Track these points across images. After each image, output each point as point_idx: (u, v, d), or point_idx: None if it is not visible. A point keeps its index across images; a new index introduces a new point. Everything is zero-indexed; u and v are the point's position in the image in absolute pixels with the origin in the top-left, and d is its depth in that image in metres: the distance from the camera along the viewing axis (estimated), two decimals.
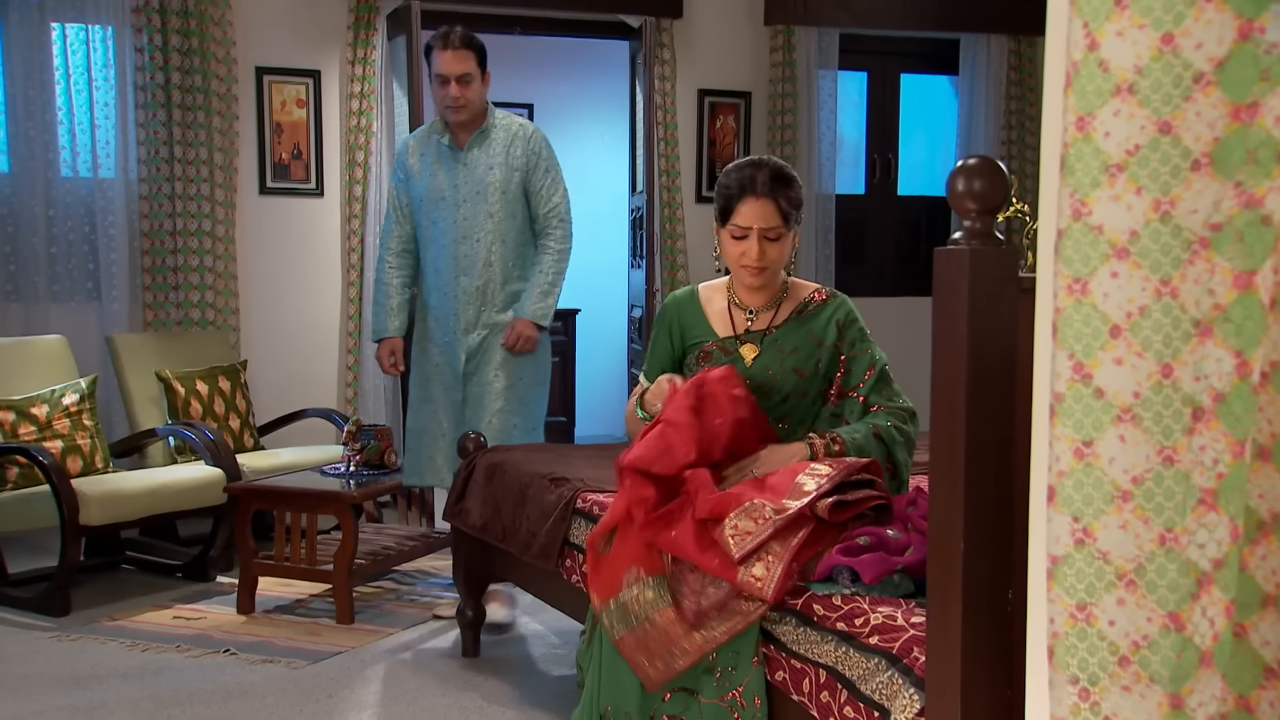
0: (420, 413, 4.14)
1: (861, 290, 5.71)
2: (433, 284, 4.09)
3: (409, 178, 4.08)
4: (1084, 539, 1.27)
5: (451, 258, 4.02)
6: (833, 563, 2.29)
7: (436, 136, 4.05)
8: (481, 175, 3.99)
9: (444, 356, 4.09)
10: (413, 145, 4.11)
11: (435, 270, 4.07)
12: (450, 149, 4.02)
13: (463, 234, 4.01)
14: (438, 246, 4.05)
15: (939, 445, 1.95)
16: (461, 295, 4.03)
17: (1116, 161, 1.25)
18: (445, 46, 3.92)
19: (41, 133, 5.27)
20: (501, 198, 4.00)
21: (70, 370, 4.81)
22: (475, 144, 4.01)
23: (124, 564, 4.84)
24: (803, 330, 2.74)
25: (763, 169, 2.65)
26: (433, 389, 4.11)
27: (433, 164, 4.04)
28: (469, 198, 4.00)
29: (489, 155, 4.01)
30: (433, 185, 4.04)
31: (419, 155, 4.07)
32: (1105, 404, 1.26)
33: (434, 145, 4.06)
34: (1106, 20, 1.25)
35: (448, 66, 3.91)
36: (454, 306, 4.04)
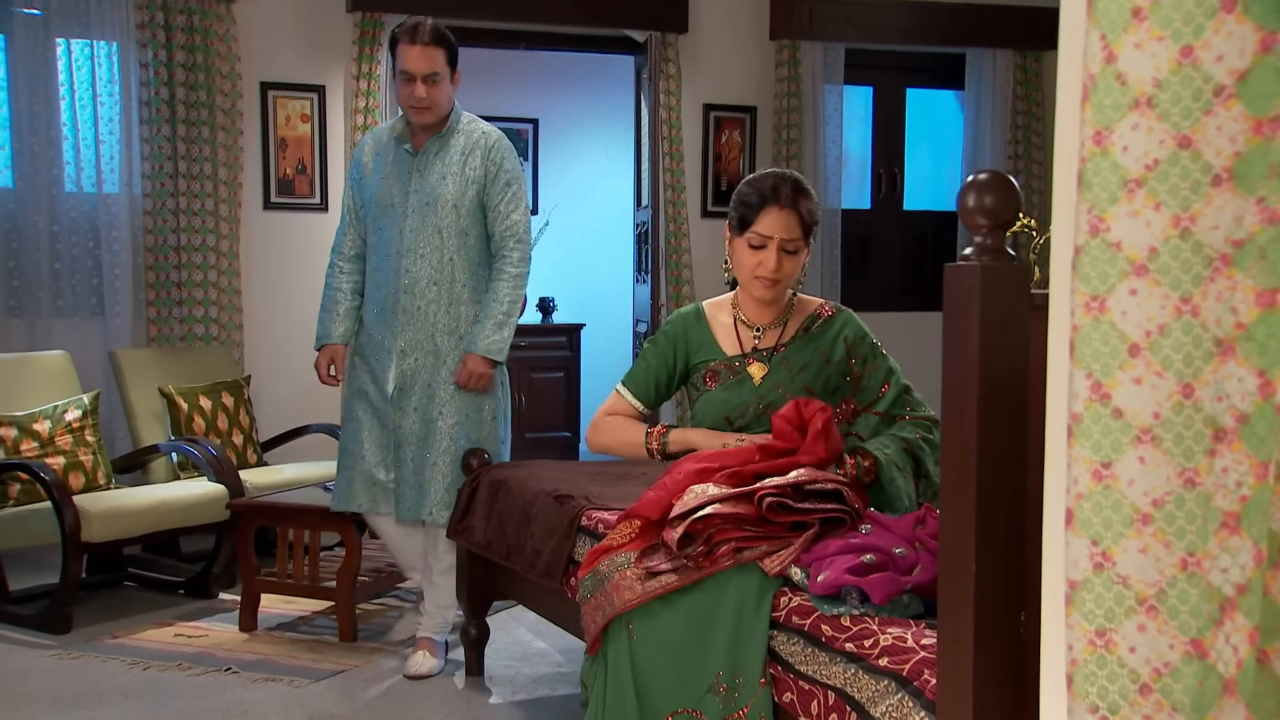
0: (345, 430, 3.83)
1: (867, 305, 5.68)
2: (372, 298, 3.74)
3: (362, 178, 3.74)
4: (1103, 563, 1.24)
5: (393, 272, 3.65)
6: (841, 582, 2.25)
7: (395, 137, 3.70)
8: (434, 185, 3.63)
9: (372, 378, 3.74)
10: (370, 144, 3.76)
11: (376, 284, 3.72)
12: (406, 153, 3.67)
13: (408, 247, 3.63)
14: (381, 257, 3.69)
15: (950, 464, 1.92)
16: (401, 315, 3.65)
17: (1135, 176, 1.22)
18: (413, 41, 3.57)
19: (46, 148, 5.26)
20: (453, 212, 3.63)
21: (73, 386, 4.79)
22: (432, 149, 3.65)
23: (126, 581, 4.81)
24: (811, 347, 2.72)
25: (786, 180, 2.64)
26: (357, 407, 3.77)
27: (386, 167, 3.69)
28: (418, 208, 3.63)
29: (444, 163, 3.65)
30: (383, 190, 3.68)
31: (374, 155, 3.72)
32: (1124, 425, 1.23)
33: (390, 146, 3.71)
34: (1124, 32, 1.22)
35: (414, 64, 3.56)
36: (391, 326, 3.67)
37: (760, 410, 2.67)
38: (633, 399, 2.86)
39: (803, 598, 2.31)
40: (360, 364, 3.79)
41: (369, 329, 3.76)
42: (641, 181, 6.55)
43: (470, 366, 3.65)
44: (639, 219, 6.67)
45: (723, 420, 2.69)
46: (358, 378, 3.79)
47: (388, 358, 3.70)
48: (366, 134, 3.80)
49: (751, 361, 2.72)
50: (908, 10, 6.45)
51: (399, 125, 3.70)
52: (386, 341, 3.70)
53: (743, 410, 2.68)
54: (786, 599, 2.33)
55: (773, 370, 2.69)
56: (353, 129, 5.72)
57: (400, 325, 3.66)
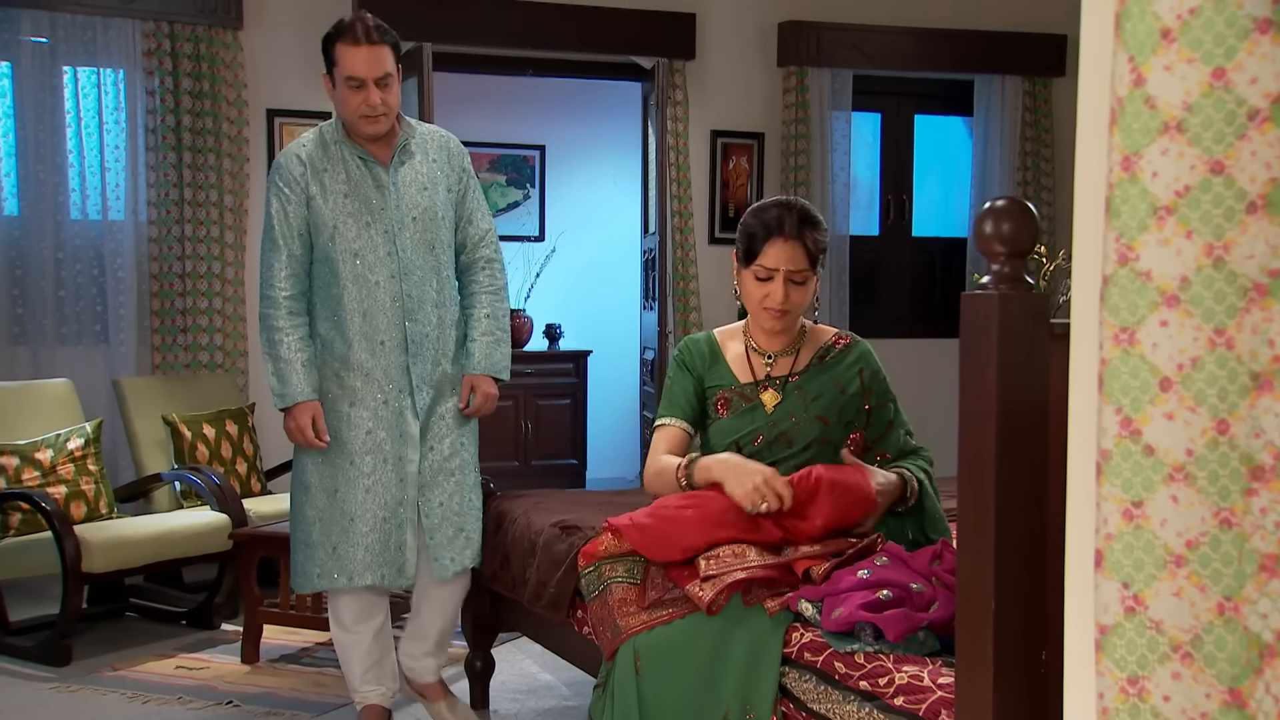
0: (333, 499, 3.20)
1: (876, 332, 5.64)
2: (358, 332, 3.19)
3: (309, 200, 3.18)
4: (1135, 607, 1.19)
5: (390, 298, 3.19)
6: (855, 618, 2.20)
7: (345, 149, 3.20)
8: (416, 197, 3.24)
9: (381, 423, 3.21)
10: (298, 161, 3.20)
11: (362, 314, 3.19)
12: (369, 164, 3.21)
13: (405, 269, 3.21)
14: (365, 286, 3.18)
15: (968, 498, 1.87)
16: (411, 345, 3.22)
17: (1165, 203, 1.18)
18: (357, 42, 3.13)
19: (52, 175, 5.25)
20: (442, 224, 3.29)
21: (76, 414, 4.75)
22: (402, 159, 3.25)
23: (127, 611, 4.75)
24: (825, 376, 2.67)
25: (791, 210, 2.60)
26: (356, 467, 3.19)
27: (345, 184, 3.19)
28: (408, 224, 3.22)
29: (418, 172, 3.27)
30: (353, 210, 3.18)
31: (322, 173, 3.19)
32: (1156, 462, 1.18)
33: (341, 161, 3.20)
34: (1153, 54, 1.18)
35: (364, 67, 3.11)
36: (398, 359, 3.21)
37: (772, 438, 2.62)
38: (678, 422, 2.74)
39: (815, 633, 2.26)
40: (355, 416, 3.22)
41: (359, 370, 3.21)
42: (649, 208, 6.52)
43: (484, 389, 3.32)
44: (646, 245, 6.64)
45: (733, 448, 2.65)
46: (349, 432, 3.22)
47: (403, 398, 3.23)
48: (283, 155, 3.25)
49: (764, 389, 2.67)
50: (916, 37, 6.44)
51: (335, 134, 3.22)
52: (395, 378, 3.22)
53: (754, 438, 2.63)
54: (799, 634, 2.28)
55: (786, 398, 2.65)
56: None
57: (412, 356, 3.23)
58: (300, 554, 3.26)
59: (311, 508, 3.23)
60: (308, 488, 3.24)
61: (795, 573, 2.37)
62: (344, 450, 3.20)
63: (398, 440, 3.22)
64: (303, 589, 3.30)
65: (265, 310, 3.21)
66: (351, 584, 3.21)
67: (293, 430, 3.20)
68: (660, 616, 2.37)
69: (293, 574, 3.31)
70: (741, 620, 2.31)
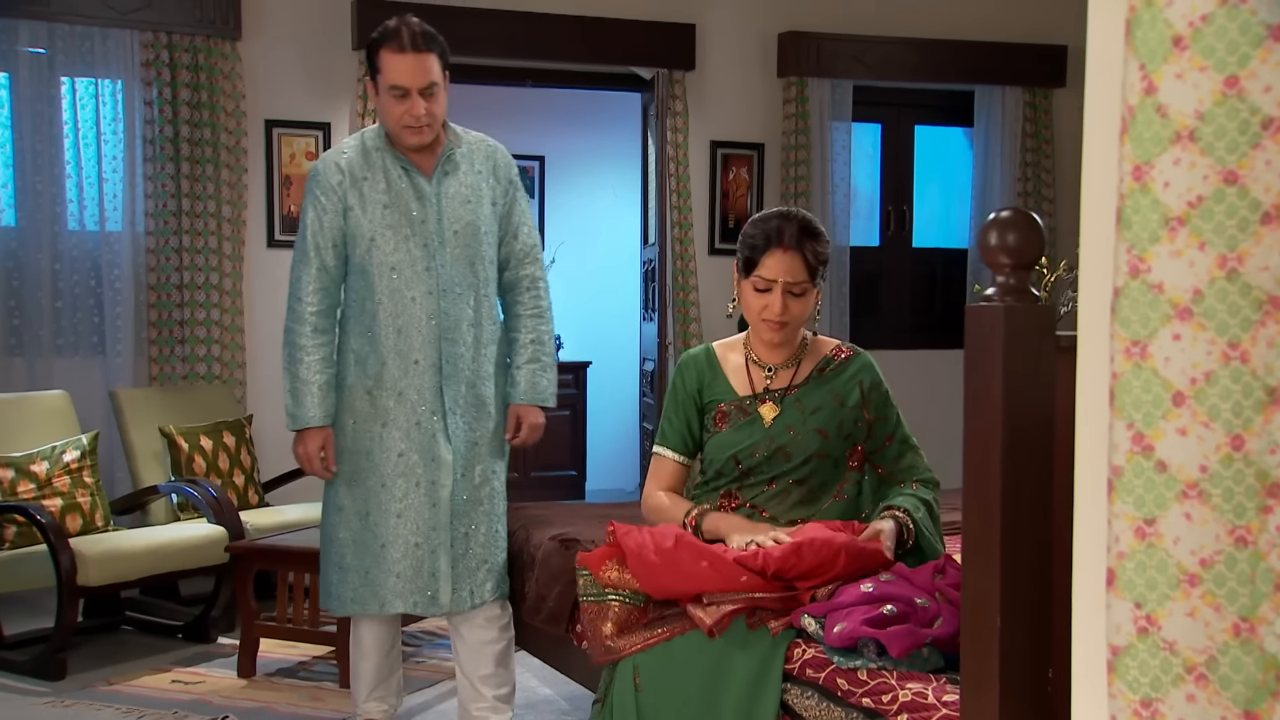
0: (366, 523, 3.09)
1: (876, 344, 5.61)
2: (392, 350, 3.06)
3: (346, 210, 3.06)
4: (1148, 627, 1.16)
5: (425, 315, 3.06)
6: (858, 634, 2.17)
7: (386, 158, 3.08)
8: (458, 211, 3.10)
9: (413, 445, 3.07)
10: (336, 170, 3.07)
11: (397, 330, 3.05)
12: (412, 175, 3.08)
13: (444, 286, 3.07)
14: (401, 301, 3.05)
15: (972, 513, 1.84)
16: (445, 365, 3.08)
17: (1177, 214, 1.15)
18: (402, 49, 2.99)
19: (49, 186, 5.23)
20: (484, 240, 3.14)
21: (72, 426, 4.72)
22: (446, 170, 3.12)
23: (123, 624, 4.72)
24: (825, 389, 2.64)
25: (791, 221, 2.57)
26: (388, 490, 3.07)
27: (385, 194, 3.06)
28: (449, 239, 3.08)
29: (463, 184, 3.13)
30: (392, 222, 3.05)
31: (362, 182, 3.06)
32: (1169, 478, 1.16)
33: (382, 169, 3.07)
34: (1164, 62, 1.16)
35: (409, 76, 2.99)
36: (431, 379, 3.07)
37: (770, 452, 2.59)
38: (673, 454, 2.74)
39: (818, 649, 2.23)
40: (388, 437, 3.08)
41: (392, 389, 3.08)
42: (648, 219, 6.50)
43: (531, 420, 3.22)
44: (646, 256, 6.62)
45: (731, 462, 2.61)
46: (381, 454, 3.09)
47: (437, 420, 3.09)
48: (321, 162, 3.11)
49: (763, 402, 2.64)
50: (916, 47, 6.42)
51: (378, 141, 3.10)
52: (429, 399, 3.08)
53: (751, 451, 2.60)
54: (800, 650, 2.25)
55: (784, 411, 2.62)
56: None
57: (446, 377, 3.09)
58: (334, 575, 3.14)
59: (345, 529, 3.12)
60: (340, 509, 3.13)
61: (800, 600, 2.33)
62: (375, 472, 3.08)
63: (430, 464, 3.08)
64: (336, 611, 3.20)
65: (290, 324, 3.08)
66: (383, 611, 3.10)
67: (301, 456, 3.10)
68: (660, 634, 2.34)
69: (323, 593, 3.21)
70: (743, 637, 2.28)
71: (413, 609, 3.11)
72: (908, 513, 2.52)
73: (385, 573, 3.08)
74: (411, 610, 3.12)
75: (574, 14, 5.97)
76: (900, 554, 2.49)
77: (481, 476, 3.16)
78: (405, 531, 3.07)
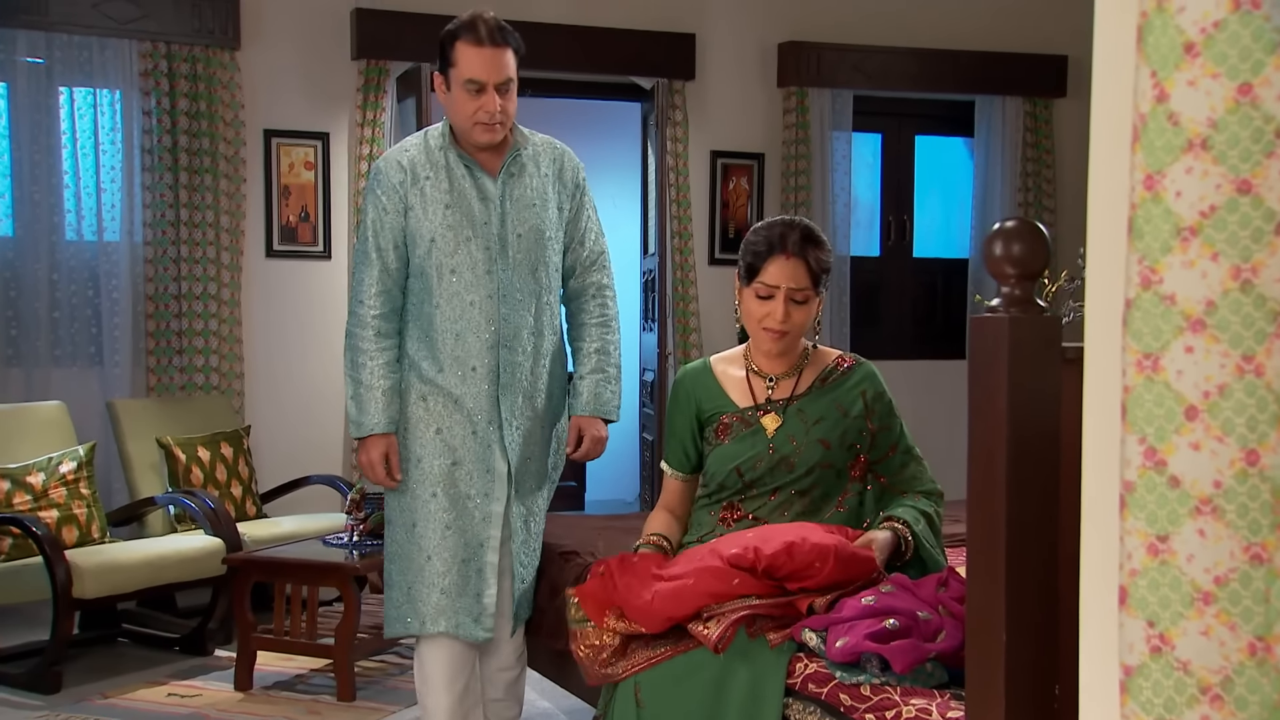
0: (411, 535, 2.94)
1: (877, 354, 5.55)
2: (449, 355, 2.92)
3: (407, 210, 2.93)
4: (1161, 647, 1.13)
5: (485, 321, 2.91)
6: (860, 649, 2.15)
7: (450, 156, 2.94)
8: (523, 214, 2.96)
9: (468, 454, 2.93)
10: (398, 167, 2.95)
11: (455, 335, 2.91)
12: (476, 174, 2.94)
13: (504, 291, 2.92)
14: (460, 305, 2.91)
15: (977, 526, 1.81)
16: (502, 374, 2.93)
17: (1189, 224, 1.13)
18: (480, 42, 2.84)
19: (47, 196, 5.21)
20: (548, 245, 3.00)
21: (69, 437, 4.70)
22: (512, 171, 2.97)
23: (119, 637, 4.69)
24: (827, 399, 2.62)
25: (794, 228, 2.55)
26: (437, 500, 2.92)
27: (447, 194, 2.92)
28: (511, 243, 2.94)
29: (529, 187, 2.98)
30: (453, 223, 2.91)
31: (424, 180, 2.93)
32: (1182, 494, 1.13)
33: (445, 168, 2.94)
34: (1176, 69, 1.14)
35: (486, 70, 2.84)
36: (487, 388, 2.92)
37: (773, 463, 2.56)
38: (674, 472, 2.75)
39: (820, 664, 2.20)
40: (445, 445, 2.94)
41: (448, 397, 2.94)
42: (648, 229, 6.48)
43: (594, 433, 3.06)
44: (646, 266, 6.60)
45: (733, 474, 2.59)
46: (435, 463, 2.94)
47: (492, 433, 2.94)
48: (383, 160, 2.99)
49: (765, 412, 2.62)
50: (916, 57, 6.41)
51: (441, 139, 2.97)
52: (484, 409, 2.93)
53: (754, 463, 2.57)
54: (803, 665, 2.23)
55: (786, 421, 2.59)
56: (357, 176, 5.67)
57: (503, 388, 2.94)
58: (387, 594, 2.99)
59: (393, 543, 2.98)
60: (390, 521, 3.00)
61: (798, 608, 2.31)
62: (425, 481, 2.92)
63: (483, 476, 2.93)
64: (386, 632, 3.01)
65: (352, 328, 2.95)
66: (424, 630, 2.90)
67: (364, 465, 2.95)
68: (661, 654, 2.31)
69: (385, 618, 3.03)
70: (744, 652, 2.26)
71: (455, 630, 2.91)
72: (907, 524, 2.50)
73: (428, 588, 2.89)
74: (454, 631, 2.91)
75: (573, 24, 5.95)
76: (900, 566, 2.47)
77: (531, 494, 3.03)
78: (452, 545, 2.90)
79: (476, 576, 2.92)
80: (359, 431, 2.94)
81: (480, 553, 2.92)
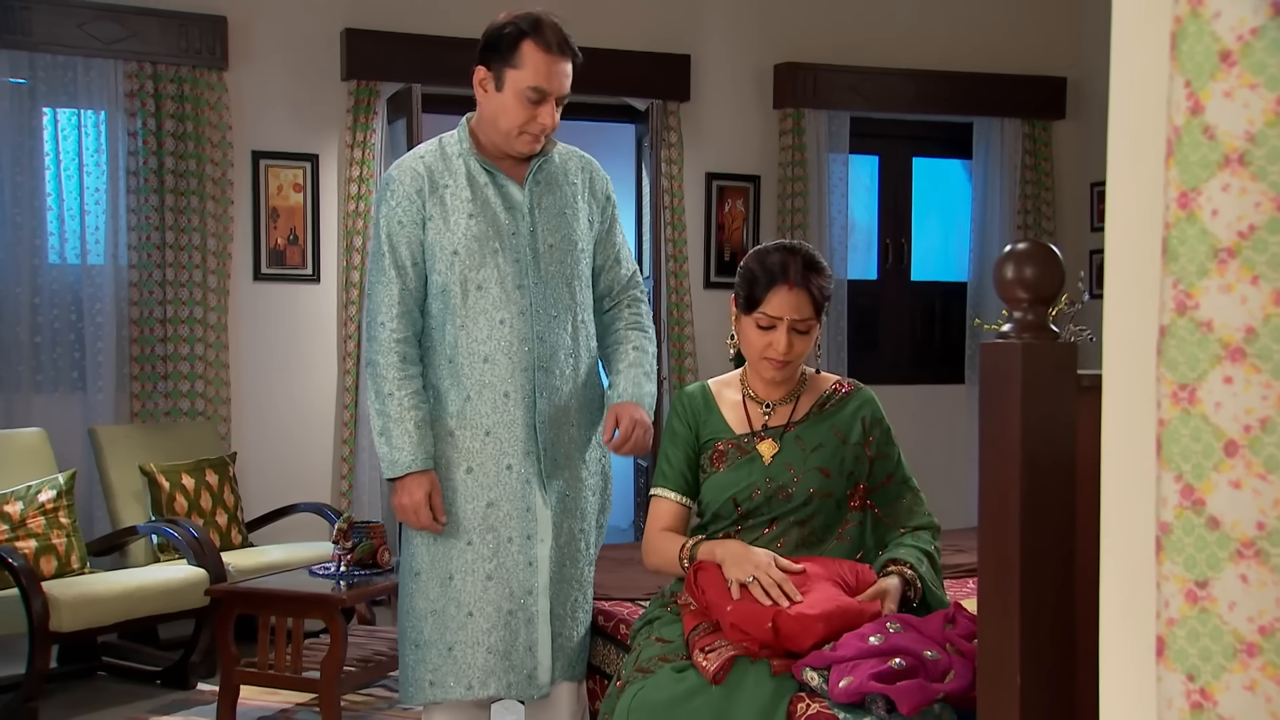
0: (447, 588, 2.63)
1: (874, 378, 5.49)
2: (478, 381, 2.64)
3: (425, 222, 2.66)
4: (1202, 702, 1.04)
5: (518, 341, 2.63)
6: (865, 689, 2.06)
7: (471, 162, 2.69)
8: (553, 222, 2.71)
9: (505, 493, 2.64)
10: (415, 177, 2.67)
11: (484, 358, 2.63)
12: (499, 181, 2.69)
13: (538, 307, 2.66)
14: (488, 324, 2.63)
15: (989, 563, 1.73)
16: (540, 400, 2.65)
17: (1227, 245, 1.05)
18: (550, 48, 2.61)
19: (29, 218, 5.12)
20: (581, 257, 2.75)
21: (49, 465, 4.59)
22: (539, 179, 2.73)
23: (99, 670, 4.58)
24: (825, 425, 2.53)
25: (796, 255, 2.47)
26: (474, 549, 2.63)
27: (469, 203, 2.66)
28: (543, 254, 2.68)
29: (559, 195, 2.74)
30: (479, 234, 2.64)
31: (444, 189, 2.67)
32: (1222, 536, 1.05)
33: (466, 175, 2.68)
34: (1211, 79, 1.05)
35: (553, 80, 2.62)
36: (524, 416, 2.64)
37: (770, 492, 2.47)
38: (673, 495, 2.59)
39: (822, 705, 2.12)
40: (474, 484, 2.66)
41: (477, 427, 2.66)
42: (643, 251, 6.40)
43: (633, 414, 2.69)
44: None
45: (729, 503, 2.50)
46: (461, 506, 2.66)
47: (527, 461, 2.66)
48: (396, 168, 2.72)
49: (762, 439, 2.53)
50: (914, 79, 6.36)
51: (455, 148, 2.72)
52: (520, 438, 2.65)
53: (751, 492, 2.48)
54: (804, 705, 2.14)
55: (784, 449, 2.50)
56: (346, 198, 5.59)
57: (539, 415, 2.66)
58: (410, 655, 2.65)
59: (423, 598, 2.64)
60: (418, 574, 2.66)
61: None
62: (459, 527, 2.63)
63: (523, 515, 2.64)
64: (413, 700, 2.66)
65: (372, 355, 2.65)
66: (471, 694, 2.60)
67: (405, 508, 2.60)
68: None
69: (401, 681, 2.70)
70: (744, 689, 2.17)
71: (507, 692, 2.63)
72: (912, 567, 2.41)
73: (473, 647, 2.59)
74: (505, 693, 2.64)
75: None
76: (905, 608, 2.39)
77: (569, 534, 2.71)
78: (496, 596, 2.61)
79: (526, 628, 2.63)
80: (394, 471, 2.61)
81: (528, 601, 2.63)
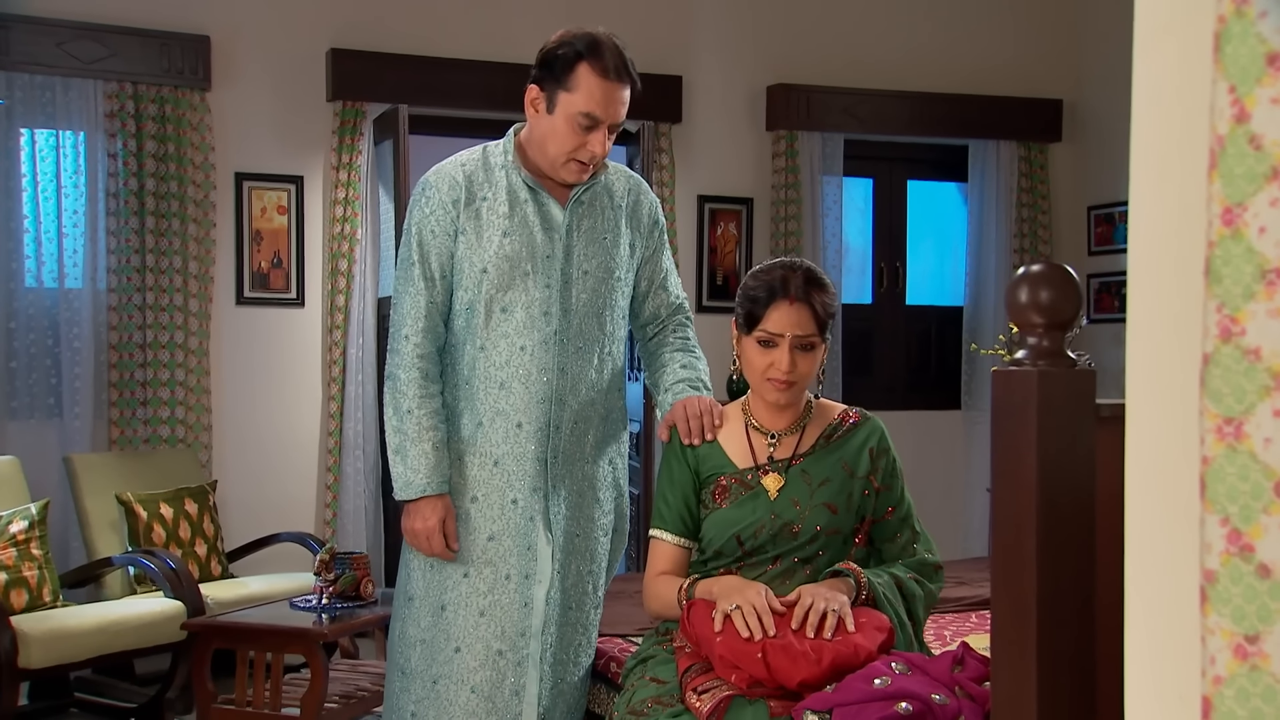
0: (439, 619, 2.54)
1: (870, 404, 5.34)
2: (491, 408, 2.53)
3: (458, 235, 2.53)
4: None
5: (537, 370, 2.52)
6: None
7: (513, 176, 2.54)
8: (591, 249, 2.58)
9: (508, 528, 2.53)
10: (460, 181, 2.54)
11: (500, 384, 2.52)
12: (541, 199, 2.54)
13: (563, 336, 2.54)
14: (508, 350, 2.52)
15: (1003, 605, 1.63)
16: (554, 433, 2.55)
17: (1276, 265, 0.95)
18: (608, 74, 2.46)
19: (5, 241, 5.00)
20: (617, 287, 2.63)
21: (21, 494, 4.46)
22: (583, 199, 2.58)
23: (71, 707, 4.45)
24: (833, 458, 2.42)
25: (797, 271, 2.37)
26: (470, 582, 2.53)
27: (505, 219, 2.52)
28: (576, 280, 2.56)
29: (601, 219, 2.60)
30: (511, 254, 2.51)
31: (480, 201, 2.53)
32: (1273, 586, 0.94)
33: (506, 189, 2.54)
34: (1258, 84, 0.96)
35: (608, 107, 2.48)
36: (534, 449, 2.54)
37: (776, 529, 2.36)
38: (672, 538, 2.47)
39: None
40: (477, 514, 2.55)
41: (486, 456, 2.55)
42: None
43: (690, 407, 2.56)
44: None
45: (733, 541, 2.38)
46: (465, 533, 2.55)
47: (534, 497, 2.55)
48: (434, 173, 2.59)
49: (766, 473, 2.42)
50: (908, 101, 6.29)
51: (499, 160, 2.57)
52: (529, 472, 2.54)
53: (756, 530, 2.37)
54: None
55: (789, 483, 2.39)
56: (332, 220, 5.49)
57: (552, 447, 2.55)
58: (397, 682, 2.56)
59: (414, 625, 2.54)
60: (411, 599, 2.56)
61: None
62: (458, 557, 2.52)
63: (524, 554, 2.53)
64: None
65: (393, 369, 2.53)
66: None
67: (417, 533, 2.49)
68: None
69: (385, 707, 2.61)
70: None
71: None
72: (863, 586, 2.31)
73: (457, 684, 2.49)
74: None
75: None
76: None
77: (576, 576, 2.59)
78: (487, 634, 2.50)
79: (515, 670, 2.52)
80: (407, 493, 2.50)
81: (519, 643, 2.52)
